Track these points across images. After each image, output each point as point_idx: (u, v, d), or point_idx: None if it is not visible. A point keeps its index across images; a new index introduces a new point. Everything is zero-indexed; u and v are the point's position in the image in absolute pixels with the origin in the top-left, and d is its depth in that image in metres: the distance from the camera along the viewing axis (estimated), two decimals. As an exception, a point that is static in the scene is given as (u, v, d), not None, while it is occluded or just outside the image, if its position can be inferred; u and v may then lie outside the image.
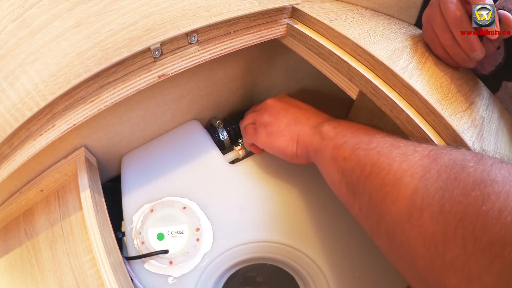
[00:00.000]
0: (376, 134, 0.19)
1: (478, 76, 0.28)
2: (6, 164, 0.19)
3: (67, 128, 0.19)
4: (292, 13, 0.25)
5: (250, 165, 0.29)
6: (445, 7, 0.22)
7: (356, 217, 0.19)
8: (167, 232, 0.24)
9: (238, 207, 0.27)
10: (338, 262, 0.24)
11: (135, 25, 0.18)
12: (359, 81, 0.22)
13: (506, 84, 0.27)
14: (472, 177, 0.13)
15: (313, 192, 0.27)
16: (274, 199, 0.27)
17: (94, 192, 0.24)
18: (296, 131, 0.24)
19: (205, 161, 0.29)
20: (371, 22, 0.26)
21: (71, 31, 0.17)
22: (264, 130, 0.25)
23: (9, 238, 0.24)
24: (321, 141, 0.21)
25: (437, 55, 0.24)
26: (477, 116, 0.21)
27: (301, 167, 0.27)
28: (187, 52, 0.21)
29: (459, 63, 0.24)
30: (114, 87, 0.19)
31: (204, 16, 0.19)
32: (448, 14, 0.21)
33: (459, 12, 0.21)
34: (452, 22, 0.21)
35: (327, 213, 0.26)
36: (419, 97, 0.20)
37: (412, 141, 0.18)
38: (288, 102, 0.26)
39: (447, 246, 0.12)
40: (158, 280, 0.24)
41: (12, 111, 0.17)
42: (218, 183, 0.28)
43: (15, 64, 0.17)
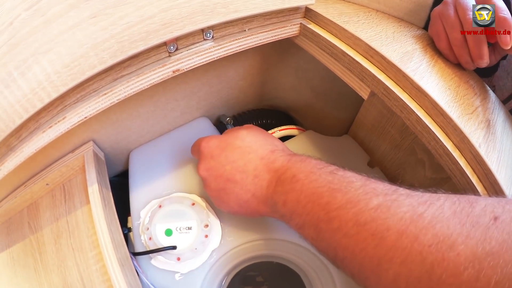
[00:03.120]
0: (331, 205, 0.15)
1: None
2: (13, 156, 0.19)
3: (78, 120, 0.19)
4: (306, 13, 0.25)
5: (257, 163, 0.29)
6: (463, 10, 0.22)
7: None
8: (175, 228, 0.24)
9: (246, 204, 0.27)
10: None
11: (152, 18, 0.18)
12: (371, 81, 0.22)
13: (503, 62, 0.28)
14: (463, 255, 0.11)
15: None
16: (281, 197, 0.27)
17: (102, 186, 0.23)
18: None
19: (213, 158, 0.29)
20: (382, 24, 0.27)
21: (87, 21, 0.17)
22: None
23: (12, 231, 0.24)
24: (282, 220, 0.19)
25: (440, 49, 0.25)
26: (483, 119, 0.22)
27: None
28: (202, 48, 0.21)
29: (461, 63, 0.24)
30: (128, 81, 0.19)
31: (221, 13, 0.19)
32: (466, 18, 0.21)
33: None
34: (468, 26, 0.21)
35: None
36: (429, 98, 0.20)
37: (379, 205, 0.14)
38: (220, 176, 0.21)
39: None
40: (165, 276, 0.23)
41: (22, 102, 0.17)
42: (226, 180, 0.28)
43: (27, 53, 0.17)
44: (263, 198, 0.19)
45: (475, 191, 0.19)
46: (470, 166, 0.19)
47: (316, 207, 0.16)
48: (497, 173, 0.18)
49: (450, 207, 0.13)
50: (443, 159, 0.20)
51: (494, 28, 0.21)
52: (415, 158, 0.27)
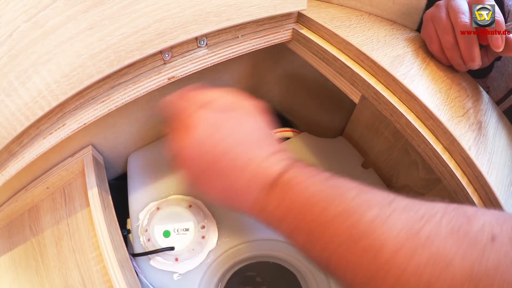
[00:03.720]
0: (325, 215, 0.15)
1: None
2: (14, 162, 0.19)
3: (77, 127, 0.20)
4: (298, 19, 0.26)
5: (253, 165, 0.30)
6: (454, 13, 0.22)
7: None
8: (173, 229, 0.25)
9: (242, 206, 0.27)
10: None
11: (147, 28, 0.18)
12: (361, 86, 0.23)
13: (497, 63, 0.28)
14: (458, 276, 0.11)
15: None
16: (277, 198, 0.28)
17: (101, 190, 0.24)
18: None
19: (209, 161, 0.30)
20: (374, 28, 0.27)
21: (84, 33, 0.17)
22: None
23: (13, 234, 0.25)
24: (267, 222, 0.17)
25: (432, 52, 0.25)
26: (474, 121, 0.22)
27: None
28: (196, 55, 0.21)
29: (453, 65, 0.25)
30: (125, 88, 0.20)
31: (214, 21, 0.20)
32: (458, 22, 0.22)
33: (468, 21, 0.21)
34: (460, 28, 0.22)
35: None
36: (418, 102, 0.20)
37: (375, 217, 0.14)
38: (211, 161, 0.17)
39: None
40: (164, 276, 0.24)
41: (23, 110, 0.18)
42: (222, 183, 0.28)
43: (27, 64, 0.17)
44: (252, 200, 0.17)
45: (465, 193, 0.19)
46: (460, 168, 0.19)
47: (309, 216, 0.15)
48: (488, 175, 0.18)
49: (447, 224, 0.13)
50: (433, 161, 0.20)
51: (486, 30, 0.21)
52: (409, 159, 0.27)
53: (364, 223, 0.14)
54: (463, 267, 0.12)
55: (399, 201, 0.14)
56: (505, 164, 0.22)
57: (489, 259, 0.11)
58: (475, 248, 0.12)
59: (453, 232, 0.12)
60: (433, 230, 0.13)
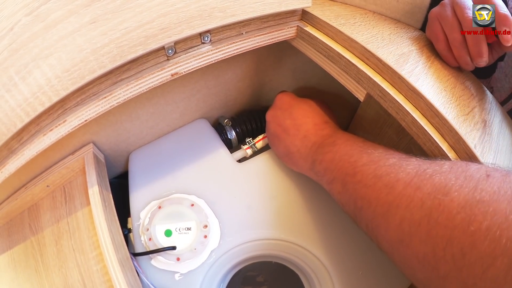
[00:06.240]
0: (358, 162, 0.20)
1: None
2: (14, 159, 0.19)
3: (78, 124, 0.19)
4: (302, 16, 0.26)
5: (257, 164, 0.30)
6: (461, 9, 0.22)
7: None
8: (175, 228, 0.25)
9: (245, 205, 0.27)
10: (342, 260, 0.25)
11: (151, 23, 0.18)
12: (366, 83, 0.22)
13: (500, 64, 0.28)
14: (456, 201, 0.13)
15: (318, 191, 0.28)
16: (280, 197, 0.28)
17: (102, 188, 0.24)
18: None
19: (212, 159, 0.29)
20: (379, 26, 0.27)
21: (87, 27, 0.17)
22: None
23: (13, 233, 0.24)
24: (316, 177, 0.24)
25: (439, 52, 0.25)
26: (479, 120, 0.22)
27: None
28: (200, 51, 0.21)
29: (460, 64, 0.24)
30: (127, 84, 0.19)
31: (218, 17, 0.20)
32: (465, 17, 0.22)
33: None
34: (467, 25, 0.22)
35: (333, 212, 0.27)
36: (424, 100, 0.20)
37: (394, 163, 0.18)
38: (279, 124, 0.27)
39: (439, 263, 0.13)
40: (165, 276, 0.24)
41: (23, 106, 0.17)
42: (225, 181, 0.28)
43: (28, 58, 0.17)
44: (305, 155, 0.24)
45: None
46: (465, 167, 0.19)
47: (346, 164, 0.20)
48: (493, 174, 0.18)
49: (450, 166, 0.16)
50: (439, 160, 0.20)
51: (494, 27, 0.21)
52: (412, 159, 0.27)
53: (386, 166, 0.18)
54: (460, 194, 0.13)
55: (414, 157, 0.18)
56: (509, 163, 0.22)
57: (483, 190, 0.13)
58: (471, 181, 0.14)
59: (452, 169, 0.15)
60: (437, 168, 0.16)
